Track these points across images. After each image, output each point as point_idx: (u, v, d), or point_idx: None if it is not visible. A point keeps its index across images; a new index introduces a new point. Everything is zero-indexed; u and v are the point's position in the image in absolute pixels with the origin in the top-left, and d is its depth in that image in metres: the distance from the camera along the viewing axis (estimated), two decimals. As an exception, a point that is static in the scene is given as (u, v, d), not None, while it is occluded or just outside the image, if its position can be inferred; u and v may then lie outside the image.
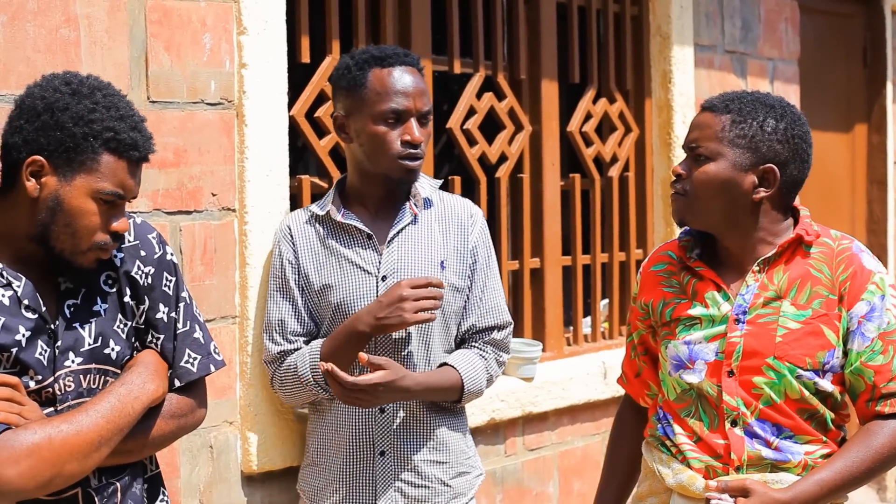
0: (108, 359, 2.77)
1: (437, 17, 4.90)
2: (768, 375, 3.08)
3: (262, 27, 3.93)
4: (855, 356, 3.09)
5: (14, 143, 2.63)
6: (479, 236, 3.64)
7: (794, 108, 3.17)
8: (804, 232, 3.14)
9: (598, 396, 5.39)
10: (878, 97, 7.89)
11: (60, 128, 2.60)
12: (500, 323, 3.67)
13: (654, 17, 5.95)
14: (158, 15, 3.65)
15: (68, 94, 2.63)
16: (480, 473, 3.71)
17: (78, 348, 2.71)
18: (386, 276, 3.50)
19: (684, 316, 3.19)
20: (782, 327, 3.09)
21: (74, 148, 2.60)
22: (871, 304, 3.08)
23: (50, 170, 2.61)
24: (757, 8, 6.57)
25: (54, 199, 2.61)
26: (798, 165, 3.13)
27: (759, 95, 3.17)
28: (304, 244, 3.59)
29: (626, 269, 5.90)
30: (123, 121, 2.66)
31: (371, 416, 3.51)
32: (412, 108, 3.48)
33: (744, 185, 3.10)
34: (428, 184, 3.66)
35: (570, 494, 5.40)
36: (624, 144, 5.84)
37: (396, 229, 3.54)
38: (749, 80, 6.47)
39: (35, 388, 2.63)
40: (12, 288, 2.62)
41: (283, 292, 3.59)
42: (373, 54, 3.53)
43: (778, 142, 3.09)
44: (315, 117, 4.38)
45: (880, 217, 7.84)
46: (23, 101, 2.66)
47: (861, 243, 3.20)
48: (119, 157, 2.65)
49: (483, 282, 3.63)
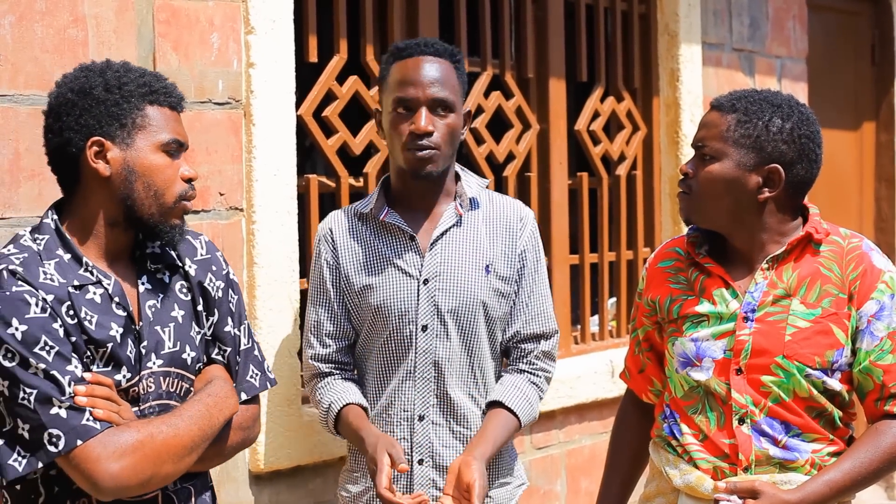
0: (185, 364, 2.83)
1: (445, 15, 4.91)
2: (777, 374, 3.07)
3: (269, 27, 3.93)
4: (864, 355, 3.08)
5: (64, 140, 2.69)
6: (529, 240, 3.53)
7: (804, 108, 3.15)
8: (814, 230, 3.13)
9: (606, 395, 5.38)
10: (886, 95, 7.88)
11: (100, 102, 2.67)
12: (546, 331, 3.56)
13: (662, 16, 5.95)
14: (166, 15, 3.65)
15: (92, 74, 2.71)
16: (522, 483, 3.62)
17: (159, 350, 2.76)
18: (427, 280, 3.41)
19: (692, 313, 3.19)
20: (792, 326, 3.08)
21: (120, 114, 2.68)
22: (881, 304, 3.07)
23: (110, 144, 2.67)
24: (765, 6, 6.56)
25: (126, 168, 2.68)
26: (805, 166, 3.11)
27: (768, 94, 3.15)
28: (345, 245, 3.50)
29: (633, 268, 5.90)
30: (149, 76, 2.75)
31: (410, 424, 3.44)
32: (421, 96, 3.37)
33: (748, 185, 3.09)
34: (475, 182, 3.56)
35: (578, 493, 5.40)
36: (632, 143, 5.84)
37: (440, 231, 3.44)
38: (757, 79, 6.47)
39: (125, 386, 2.68)
40: (103, 286, 2.67)
41: (320, 294, 3.52)
42: (396, 46, 3.46)
43: (783, 142, 3.08)
44: (323, 116, 4.38)
45: (888, 215, 7.83)
46: (53, 102, 2.72)
47: (870, 241, 3.19)
48: (161, 106, 2.74)
49: (530, 287, 3.52)
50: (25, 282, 2.56)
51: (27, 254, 2.63)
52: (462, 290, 3.40)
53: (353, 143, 4.51)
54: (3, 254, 2.65)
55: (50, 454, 2.52)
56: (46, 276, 2.60)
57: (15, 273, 2.57)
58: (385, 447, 3.20)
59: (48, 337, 2.54)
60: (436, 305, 3.39)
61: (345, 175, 4.47)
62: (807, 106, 3.19)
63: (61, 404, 2.52)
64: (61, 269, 2.64)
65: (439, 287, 3.39)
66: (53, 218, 2.72)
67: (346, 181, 4.48)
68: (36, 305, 2.54)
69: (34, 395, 2.51)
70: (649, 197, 5.96)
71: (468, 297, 3.40)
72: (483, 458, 3.25)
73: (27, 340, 2.52)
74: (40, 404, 2.51)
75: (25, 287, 2.55)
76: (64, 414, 2.52)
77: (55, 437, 2.52)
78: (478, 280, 3.41)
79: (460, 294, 3.39)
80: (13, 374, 2.51)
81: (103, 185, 2.70)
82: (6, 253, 2.64)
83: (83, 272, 2.66)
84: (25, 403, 2.51)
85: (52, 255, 2.66)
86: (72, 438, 2.52)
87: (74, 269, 2.66)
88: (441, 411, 3.43)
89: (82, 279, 2.65)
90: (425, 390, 3.41)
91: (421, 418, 3.43)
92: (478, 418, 3.47)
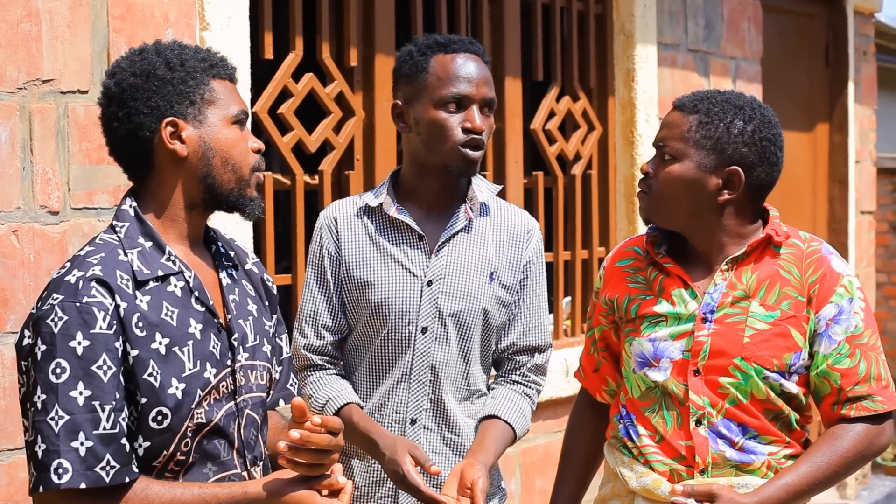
0: (266, 356, 2.80)
1: (401, 14, 4.90)
2: (735, 376, 3.06)
3: (225, 23, 3.91)
4: (821, 359, 3.07)
5: (134, 125, 2.61)
6: (534, 252, 3.47)
7: (767, 111, 3.14)
8: (774, 232, 3.11)
9: (560, 394, 5.40)
10: (839, 97, 7.94)
11: (166, 82, 2.61)
12: (541, 344, 3.50)
13: (618, 16, 5.97)
14: (121, 10, 3.63)
15: (149, 55, 2.64)
16: (503, 495, 3.57)
17: (245, 343, 2.73)
18: (432, 282, 3.33)
19: (650, 313, 3.17)
20: (750, 328, 3.06)
21: (188, 91, 2.62)
22: (840, 307, 3.07)
23: (184, 123, 2.61)
24: (720, 7, 6.60)
25: (203, 145, 2.62)
26: (766, 169, 3.11)
27: (731, 96, 3.13)
28: (349, 236, 3.40)
29: (588, 267, 5.92)
30: (203, 51, 2.70)
31: (401, 427, 3.36)
32: (475, 94, 3.29)
33: (708, 186, 3.07)
34: (486, 187, 3.47)
35: (532, 492, 5.41)
36: (587, 142, 5.86)
37: (449, 234, 3.36)
38: (712, 79, 6.50)
39: (214, 382, 2.61)
40: (184, 278, 2.62)
41: (319, 283, 3.42)
42: (437, 40, 3.37)
43: (744, 144, 3.05)
44: (278, 114, 4.37)
45: (841, 216, 7.89)
46: (114, 90, 2.63)
47: (829, 245, 3.19)
48: (222, 79, 2.68)
49: (531, 299, 3.46)
50: (103, 286, 2.49)
51: (104, 252, 2.56)
52: (465, 294, 3.35)
53: (308, 141, 4.50)
54: (79, 255, 2.57)
55: (51, 483, 2.42)
56: (123, 281, 2.53)
57: (93, 279, 2.49)
58: (406, 448, 3.16)
59: (108, 356, 2.47)
60: (438, 308, 3.35)
61: (300, 173, 4.47)
62: (770, 109, 3.17)
63: (86, 440, 2.44)
64: (144, 258, 2.57)
65: (443, 290, 3.34)
66: (132, 205, 2.64)
67: (301, 179, 4.47)
68: (103, 320, 2.47)
69: (64, 421, 2.43)
70: (604, 196, 5.98)
71: (471, 302, 3.36)
72: (486, 464, 3.22)
73: (87, 356, 2.45)
74: (66, 432, 2.43)
75: (98, 299, 2.48)
76: (83, 451, 2.43)
77: (63, 468, 2.42)
78: (481, 286, 3.36)
79: (463, 299, 3.35)
80: (57, 390, 2.44)
81: (180, 166, 2.62)
82: (82, 254, 2.57)
83: (165, 261, 2.60)
84: (52, 425, 2.43)
85: (134, 243, 2.59)
86: (77, 479, 2.43)
87: (157, 257, 2.60)
88: (434, 416, 3.39)
89: (165, 269, 2.59)
90: (419, 394, 3.37)
91: (413, 422, 3.36)
92: (469, 426, 3.43)
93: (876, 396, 3.07)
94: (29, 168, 3.40)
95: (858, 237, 8.04)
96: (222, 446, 2.64)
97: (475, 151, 3.30)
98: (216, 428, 2.62)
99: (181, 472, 2.58)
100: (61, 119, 3.48)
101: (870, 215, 8.32)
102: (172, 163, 2.62)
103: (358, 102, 4.69)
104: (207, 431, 2.60)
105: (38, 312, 2.48)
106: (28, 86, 3.39)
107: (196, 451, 2.59)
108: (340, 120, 4.64)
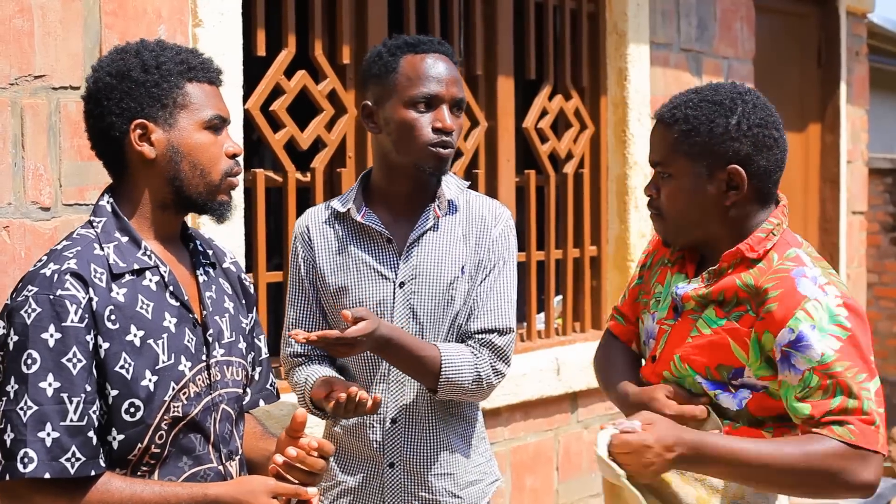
0: (242, 353, 2.84)
1: (394, 12, 4.90)
2: (673, 372, 3.01)
3: (217, 19, 3.91)
4: (788, 390, 2.86)
5: (106, 125, 2.65)
6: (500, 236, 3.45)
7: (749, 95, 3.00)
8: (747, 248, 2.94)
9: (551, 392, 5.40)
10: (831, 97, 7.95)
11: (139, 84, 2.63)
12: (500, 327, 3.42)
13: (611, 15, 5.97)
14: (113, 6, 3.63)
15: (128, 55, 2.67)
16: (495, 479, 3.56)
17: (220, 340, 2.76)
18: (404, 283, 3.35)
19: (655, 291, 3.16)
20: (697, 329, 2.97)
21: (160, 94, 2.64)
22: (798, 333, 2.81)
23: (153, 126, 2.64)
24: (713, 7, 6.60)
25: (172, 148, 2.65)
26: (765, 154, 2.95)
27: (709, 92, 2.99)
28: (321, 244, 3.44)
29: (580, 266, 5.92)
30: (185, 52, 2.71)
31: (382, 426, 3.38)
32: (445, 94, 3.31)
33: (710, 193, 2.94)
34: (455, 184, 3.47)
35: (523, 490, 5.42)
36: (579, 141, 5.86)
37: (416, 234, 3.38)
38: (704, 79, 6.50)
39: (189, 375, 2.65)
40: (159, 272, 2.65)
41: (297, 293, 3.47)
42: (406, 41, 3.39)
43: (733, 139, 2.91)
44: (270, 111, 4.37)
45: (833, 216, 7.89)
46: (91, 87, 2.67)
47: (815, 269, 2.91)
48: (200, 83, 2.70)
49: (490, 283, 3.43)
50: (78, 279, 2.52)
51: (80, 246, 2.60)
52: (438, 293, 3.36)
53: (300, 138, 4.50)
54: (56, 249, 2.61)
55: (16, 472, 2.44)
56: (98, 274, 2.56)
57: (67, 272, 2.53)
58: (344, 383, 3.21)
59: (79, 349, 2.50)
60: (411, 308, 3.35)
61: (292, 170, 4.46)
62: (753, 91, 3.04)
63: (53, 430, 2.46)
64: (120, 252, 2.61)
65: (415, 290, 3.35)
66: (109, 201, 2.68)
67: (293, 176, 4.47)
68: (75, 314, 2.50)
69: (33, 412, 2.46)
70: (596, 195, 5.98)
71: (443, 301, 3.36)
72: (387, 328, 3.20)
73: (58, 349, 2.48)
74: (34, 422, 2.46)
75: (71, 292, 2.51)
76: (49, 442, 2.46)
77: (29, 458, 2.45)
78: (453, 284, 3.36)
79: (435, 297, 3.36)
80: (27, 381, 2.47)
81: (150, 168, 2.66)
82: (59, 248, 2.61)
83: (141, 255, 2.64)
84: (21, 415, 2.45)
85: (111, 237, 2.62)
86: (41, 468, 2.45)
87: (133, 251, 2.63)
88: (413, 415, 3.41)
89: (141, 262, 2.63)
90: (398, 393, 3.38)
91: (394, 421, 3.38)
92: (449, 424, 3.45)
93: (850, 425, 2.78)
94: (20, 164, 3.40)
95: (850, 237, 8.05)
96: (198, 440, 2.68)
97: (445, 150, 3.31)
98: (192, 422, 2.65)
99: (157, 466, 2.62)
100: (53, 115, 3.48)
101: (861, 215, 8.32)
102: (142, 164, 2.66)
103: (350, 100, 4.69)
104: (183, 426, 2.64)
105: (13, 304, 2.53)
106: (20, 81, 3.39)
107: (172, 445, 2.63)
108: (332, 117, 4.64)
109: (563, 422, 5.56)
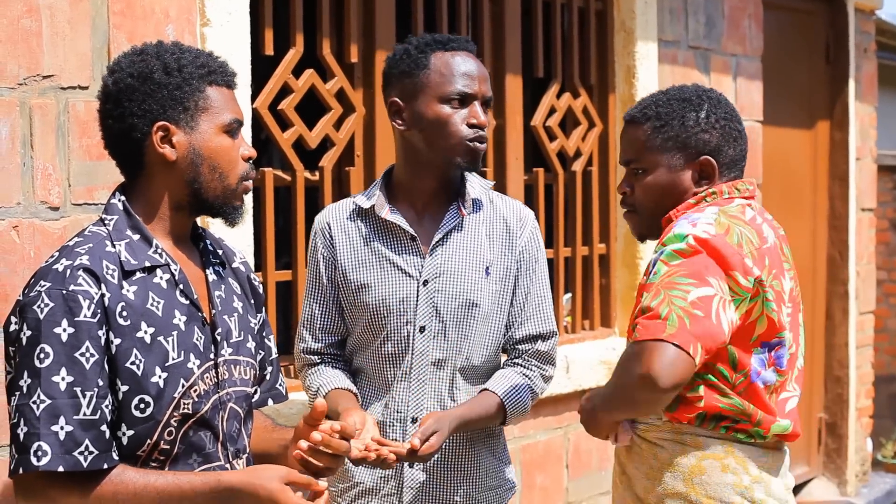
0: (250, 352, 2.85)
1: (402, 10, 4.90)
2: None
3: (225, 19, 3.91)
4: None
5: (127, 126, 2.65)
6: (529, 241, 3.48)
7: (712, 93, 3.20)
8: (674, 212, 3.14)
9: (561, 391, 5.40)
10: (840, 94, 7.93)
11: (162, 86, 2.64)
12: (543, 332, 3.50)
13: (619, 13, 5.97)
14: (121, 6, 3.63)
15: (149, 57, 2.68)
16: (511, 487, 3.57)
17: (229, 339, 2.77)
18: (427, 281, 3.35)
19: None
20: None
21: (182, 97, 2.65)
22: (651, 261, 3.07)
23: (175, 129, 2.65)
24: (721, 4, 6.59)
25: (192, 151, 2.66)
26: (732, 144, 3.15)
27: (674, 92, 3.20)
28: (343, 240, 3.43)
29: (588, 264, 5.92)
30: (204, 56, 2.72)
31: (402, 425, 3.38)
32: (478, 91, 3.35)
33: (684, 184, 3.14)
34: (479, 184, 3.49)
35: (533, 488, 5.42)
36: (588, 139, 5.86)
37: (442, 233, 3.38)
38: (712, 76, 6.50)
39: (198, 373, 2.66)
40: (170, 270, 2.67)
41: (315, 289, 3.47)
42: (435, 38, 3.39)
43: (703, 131, 3.12)
44: (279, 110, 4.37)
45: (842, 213, 7.88)
46: (111, 88, 2.67)
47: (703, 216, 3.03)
48: (219, 86, 2.71)
49: (527, 287, 3.47)
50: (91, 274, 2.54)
51: (92, 243, 2.61)
52: (462, 292, 3.35)
53: (308, 137, 4.50)
54: (68, 245, 2.62)
55: (30, 466, 2.46)
56: (109, 271, 2.57)
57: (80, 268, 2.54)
58: (354, 415, 3.17)
59: (92, 344, 2.51)
60: (435, 307, 3.35)
61: (300, 169, 4.47)
62: (714, 90, 3.24)
63: (66, 424, 2.47)
64: (132, 249, 2.63)
65: (439, 288, 3.35)
66: (121, 199, 2.69)
67: (301, 175, 4.47)
68: (88, 309, 2.51)
69: (46, 405, 2.47)
70: (605, 193, 5.98)
71: (467, 299, 3.35)
72: (450, 416, 3.25)
73: (71, 343, 2.49)
74: (47, 416, 2.47)
75: (83, 287, 2.52)
76: (62, 435, 2.47)
77: (42, 451, 2.46)
78: (478, 282, 3.37)
79: (460, 296, 3.35)
80: (40, 375, 2.47)
81: (169, 169, 2.67)
82: (70, 245, 2.62)
83: (152, 253, 2.65)
84: (34, 408, 2.46)
85: (122, 235, 2.64)
86: (55, 462, 2.46)
87: (144, 249, 2.64)
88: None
89: (152, 260, 2.64)
90: (420, 392, 3.37)
91: (414, 420, 3.37)
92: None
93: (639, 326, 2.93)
94: (29, 164, 3.40)
95: (859, 234, 8.03)
96: (207, 438, 2.69)
97: (482, 144, 3.35)
98: (202, 419, 2.66)
99: (166, 463, 2.63)
100: (62, 115, 3.48)
101: (870, 212, 8.31)
102: (162, 165, 2.67)
103: (358, 99, 4.69)
104: (193, 423, 2.65)
105: (25, 299, 2.54)
106: (28, 81, 3.39)
107: (181, 442, 2.64)
108: (341, 116, 4.64)
109: (573, 419, 5.55)
